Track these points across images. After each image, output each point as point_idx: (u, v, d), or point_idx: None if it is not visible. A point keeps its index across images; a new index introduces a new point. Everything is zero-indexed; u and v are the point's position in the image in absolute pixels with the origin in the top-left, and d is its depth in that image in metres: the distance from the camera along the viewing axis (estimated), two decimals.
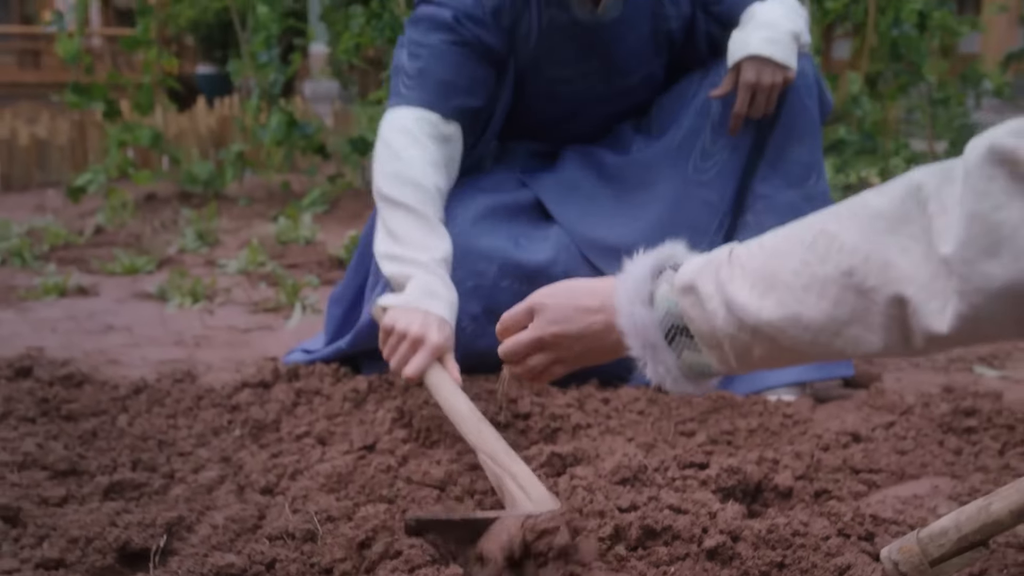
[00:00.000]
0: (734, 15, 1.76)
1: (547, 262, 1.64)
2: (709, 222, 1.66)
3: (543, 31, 1.70)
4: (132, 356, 2.07)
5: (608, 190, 1.73)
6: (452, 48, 1.62)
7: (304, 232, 3.27)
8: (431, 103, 1.60)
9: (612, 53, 1.74)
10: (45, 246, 3.18)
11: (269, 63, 4.09)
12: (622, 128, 1.82)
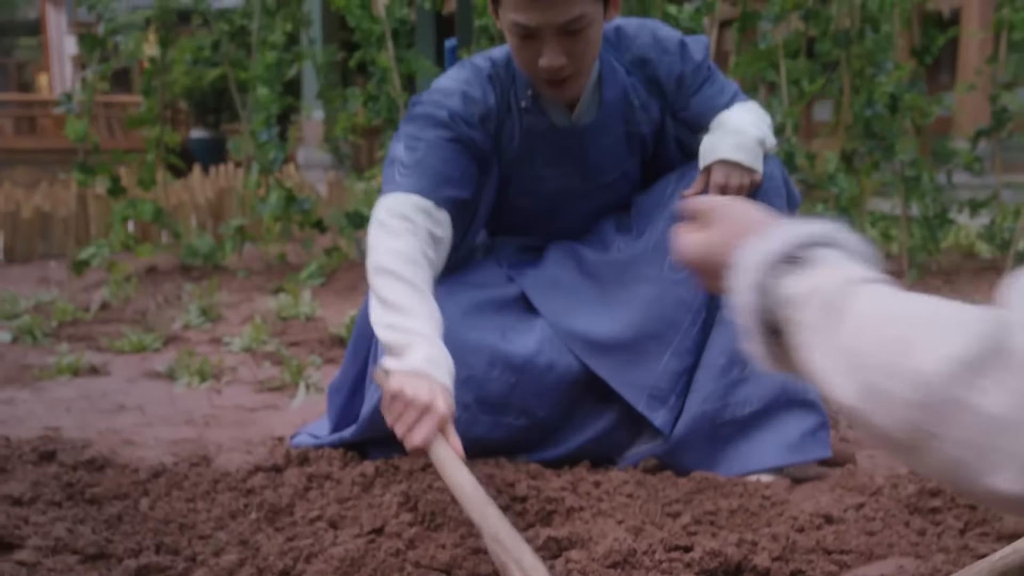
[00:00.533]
0: (701, 121, 1.91)
1: (532, 353, 1.76)
2: (683, 318, 1.79)
3: (524, 135, 1.84)
4: (146, 436, 2.17)
5: (589, 287, 1.86)
6: (447, 144, 1.75)
7: (304, 308, 3.39)
8: (425, 190, 1.71)
9: (588, 154, 1.88)
10: (54, 322, 3.29)
11: (269, 141, 4.24)
12: (605, 226, 1.96)
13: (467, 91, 1.79)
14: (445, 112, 1.76)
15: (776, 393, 1.79)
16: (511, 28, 1.68)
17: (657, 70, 1.89)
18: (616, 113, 1.87)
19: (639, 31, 1.90)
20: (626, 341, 1.79)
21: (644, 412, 1.78)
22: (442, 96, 1.77)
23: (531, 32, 1.66)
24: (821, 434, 1.82)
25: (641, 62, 1.89)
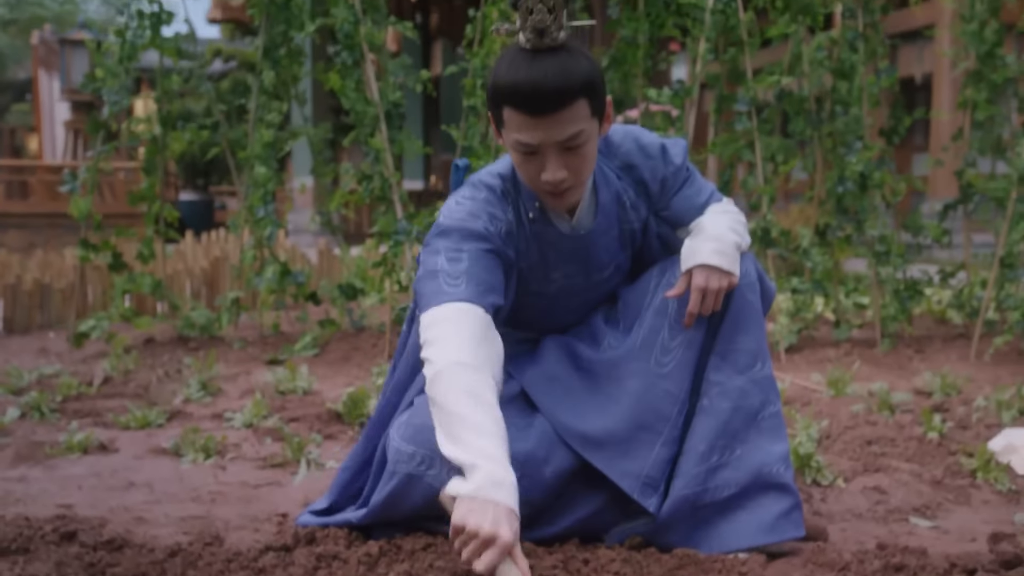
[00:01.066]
0: (681, 219, 2.07)
1: (532, 449, 1.89)
2: (670, 409, 1.93)
3: (536, 244, 1.99)
4: (156, 513, 2.28)
5: (583, 383, 2.00)
6: (487, 254, 1.86)
7: (301, 383, 3.51)
8: (476, 298, 1.80)
9: (591, 255, 2.04)
10: (59, 396, 3.40)
11: (265, 217, 4.39)
12: (595, 319, 2.10)
13: (492, 211, 1.91)
14: (480, 225, 1.87)
15: (752, 478, 1.92)
16: (514, 146, 1.83)
17: (643, 174, 2.05)
18: (611, 214, 2.03)
19: (624, 139, 2.07)
20: (619, 434, 1.93)
21: (639, 499, 1.90)
22: (472, 215, 1.88)
23: (533, 149, 1.81)
24: (795, 515, 1.95)
25: (628, 167, 2.05)
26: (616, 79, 4.75)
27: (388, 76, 4.27)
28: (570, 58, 1.78)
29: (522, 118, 1.78)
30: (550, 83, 1.75)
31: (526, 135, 1.80)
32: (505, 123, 1.83)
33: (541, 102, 1.75)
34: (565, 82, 1.75)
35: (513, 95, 1.77)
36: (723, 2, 4.32)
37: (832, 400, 3.41)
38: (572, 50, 1.80)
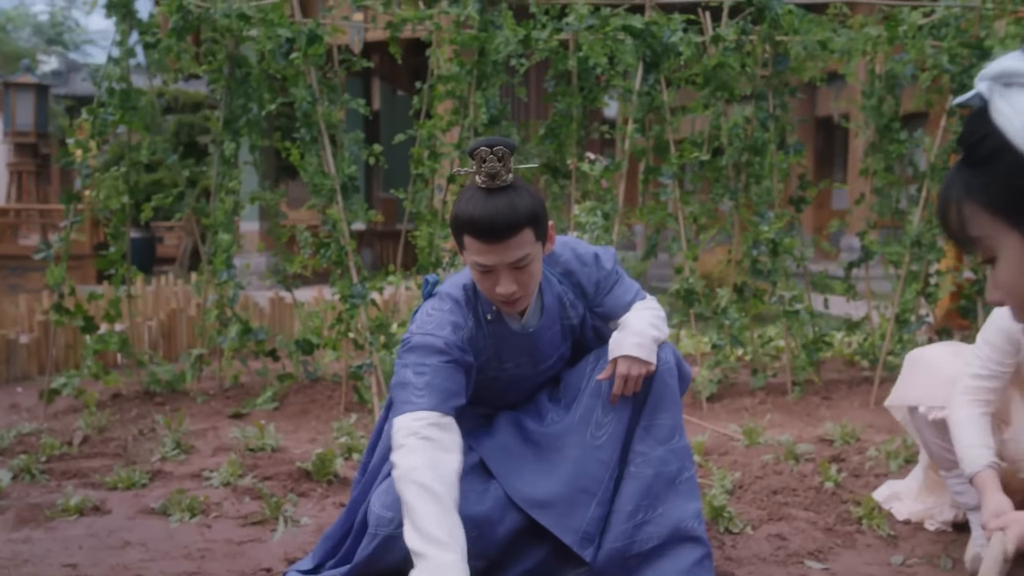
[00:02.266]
0: (612, 314, 2.46)
1: (488, 512, 2.25)
2: (603, 474, 2.31)
3: (493, 340, 2.36)
4: (154, 571, 2.58)
5: (531, 452, 2.37)
6: (447, 366, 2.21)
7: (269, 440, 3.81)
8: (438, 406, 2.14)
9: (537, 348, 2.41)
10: (43, 456, 3.65)
11: (228, 280, 4.69)
12: (540, 397, 2.48)
13: (454, 321, 2.27)
14: (441, 341, 2.22)
15: (671, 532, 2.30)
16: (473, 265, 2.20)
17: (580, 278, 2.44)
18: (554, 313, 2.41)
19: (563, 249, 2.45)
20: (562, 496, 2.30)
21: (578, 551, 2.27)
22: (436, 328, 2.24)
23: (489, 269, 2.18)
24: (706, 563, 2.33)
25: (568, 272, 2.44)
26: (552, 148, 5.15)
27: (343, 151, 4.62)
28: (517, 195, 2.16)
29: (479, 244, 2.16)
30: (501, 217, 2.12)
31: (482, 258, 2.17)
32: (466, 247, 2.19)
33: (494, 233, 2.13)
34: (513, 216, 2.13)
35: (471, 226, 2.14)
36: (648, 84, 4.76)
37: (746, 449, 3.83)
38: (518, 188, 2.18)
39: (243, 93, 4.95)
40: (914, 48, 4.94)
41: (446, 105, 5.05)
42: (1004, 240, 1.06)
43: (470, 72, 4.74)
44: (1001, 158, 1.02)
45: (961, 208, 1.09)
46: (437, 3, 4.82)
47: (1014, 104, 1.02)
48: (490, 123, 4.80)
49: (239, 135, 4.97)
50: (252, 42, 4.77)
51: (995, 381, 2.53)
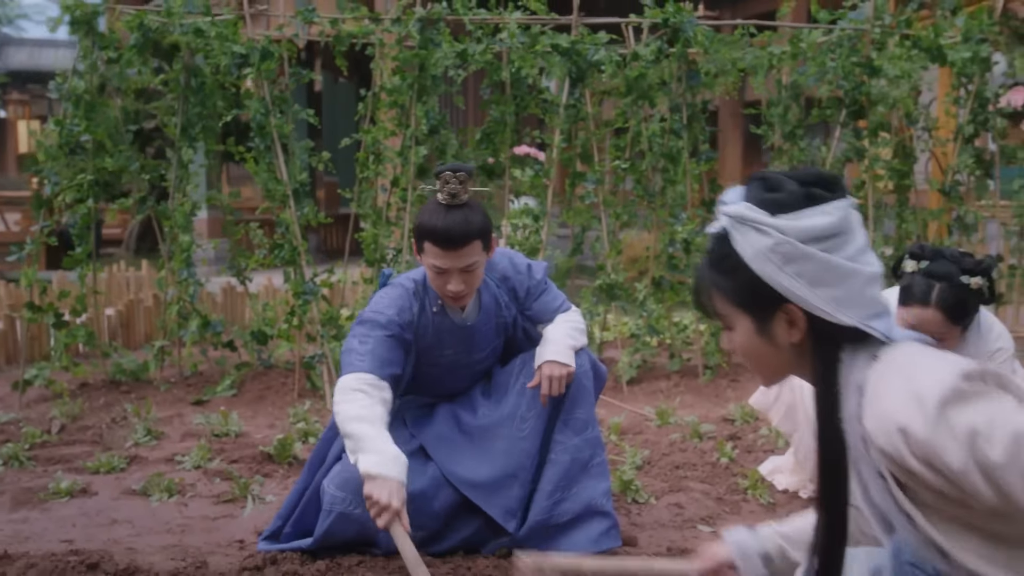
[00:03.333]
0: (539, 318, 2.91)
1: (425, 487, 2.69)
2: (526, 462, 2.76)
3: (433, 330, 2.80)
4: (141, 544, 2.97)
5: (465, 441, 2.81)
6: (387, 339, 2.67)
7: (232, 427, 4.20)
8: (375, 370, 2.60)
9: (474, 340, 2.85)
10: (25, 444, 4.00)
11: (188, 278, 5.06)
12: (475, 392, 2.91)
13: (401, 304, 2.73)
14: (384, 318, 2.69)
15: (584, 508, 2.77)
16: (430, 267, 2.64)
17: (514, 284, 2.88)
18: (490, 311, 2.85)
19: (502, 258, 2.89)
20: (492, 479, 2.75)
21: (503, 525, 2.73)
22: (384, 308, 2.70)
23: (443, 271, 2.63)
24: (613, 532, 2.81)
25: (504, 278, 2.88)
26: (487, 152, 5.57)
27: (295, 159, 4.99)
28: (472, 212, 2.61)
29: (437, 250, 2.60)
30: (458, 230, 2.57)
31: (439, 261, 2.61)
32: (425, 251, 2.63)
33: (451, 242, 2.57)
34: (468, 229, 2.58)
35: (432, 235, 2.59)
36: (574, 98, 5.20)
37: (658, 429, 4.32)
38: (473, 206, 2.63)
39: (199, 102, 5.27)
40: (815, 63, 5.45)
41: (390, 114, 5.43)
42: (738, 319, 1.54)
43: (411, 86, 5.13)
44: (739, 272, 1.49)
45: (711, 294, 1.56)
46: (380, 23, 5.18)
47: (746, 238, 1.47)
48: (430, 132, 5.21)
49: (195, 141, 5.30)
50: (206, 56, 5.10)
51: None
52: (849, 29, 5.29)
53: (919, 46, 5.23)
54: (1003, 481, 1.29)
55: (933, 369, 1.41)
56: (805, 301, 1.47)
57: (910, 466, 1.37)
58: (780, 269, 1.46)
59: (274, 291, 7.36)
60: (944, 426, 1.33)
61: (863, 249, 1.50)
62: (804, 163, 5.68)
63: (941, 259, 2.74)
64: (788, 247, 1.45)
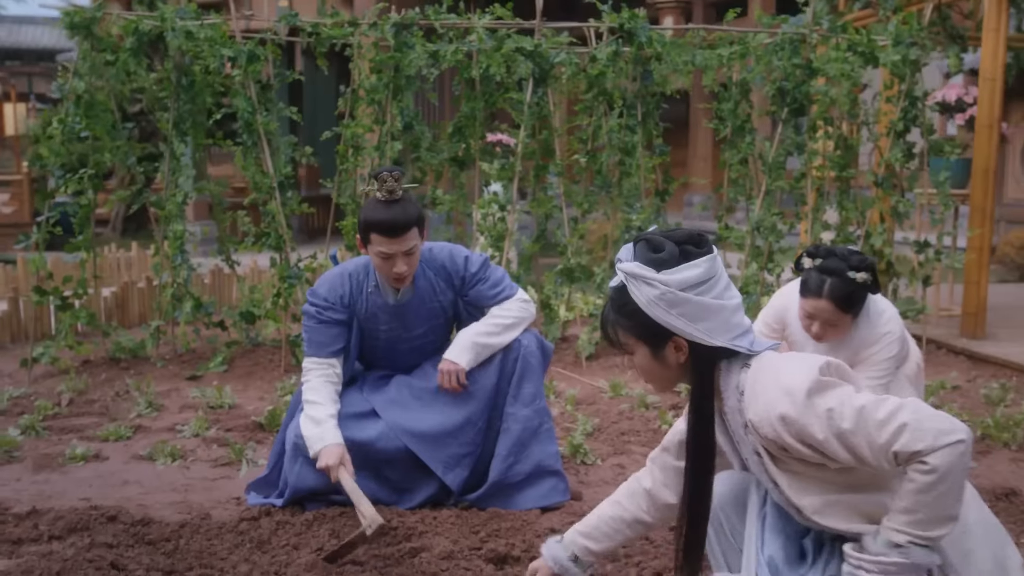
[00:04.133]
0: (477, 303, 3.33)
1: (371, 437, 3.16)
2: (470, 428, 3.22)
3: (369, 308, 3.24)
4: (152, 501, 3.40)
5: (415, 403, 3.25)
6: (318, 326, 3.20)
7: (226, 399, 4.63)
8: (316, 354, 3.19)
9: (406, 317, 3.29)
10: (39, 416, 4.41)
11: (182, 264, 5.46)
12: (426, 365, 3.34)
13: (332, 285, 3.23)
14: (315, 307, 3.21)
15: (534, 468, 3.22)
16: (376, 254, 3.08)
17: (450, 273, 3.32)
18: (424, 295, 3.28)
19: (442, 251, 3.32)
20: (432, 433, 3.19)
21: (440, 474, 3.19)
22: (318, 287, 3.26)
23: (388, 256, 3.07)
24: (560, 486, 3.27)
25: (442, 267, 3.31)
26: (458, 144, 5.98)
27: (280, 154, 5.39)
28: (408, 204, 3.07)
29: (382, 239, 3.05)
30: (399, 220, 3.03)
31: (385, 248, 3.06)
32: (372, 241, 3.07)
33: (394, 230, 3.03)
34: (406, 218, 3.04)
35: (378, 227, 3.04)
36: (537, 96, 5.62)
37: (610, 400, 4.78)
38: (408, 199, 3.08)
39: (189, 99, 5.65)
40: (761, 63, 5.89)
41: (368, 110, 5.82)
42: (638, 348, 1.99)
43: (387, 85, 5.53)
44: (636, 315, 1.93)
45: (616, 330, 2.00)
46: (358, 27, 5.57)
47: (639, 289, 1.91)
48: (405, 128, 5.62)
49: (186, 135, 5.68)
50: (196, 57, 5.48)
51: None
52: (790, 32, 5.71)
53: (854, 49, 5.66)
54: (852, 442, 1.74)
55: (794, 369, 1.86)
56: (687, 333, 1.92)
57: (786, 443, 1.83)
58: (667, 312, 1.90)
59: (260, 273, 7.75)
60: (810, 409, 1.78)
61: (727, 287, 1.95)
62: (752, 155, 6.11)
63: (832, 257, 3.20)
64: (671, 295, 1.89)
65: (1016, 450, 3.96)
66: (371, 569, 2.73)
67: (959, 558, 1.79)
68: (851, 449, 1.74)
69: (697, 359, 1.95)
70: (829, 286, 3.17)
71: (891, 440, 1.68)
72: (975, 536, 1.85)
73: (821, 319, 3.23)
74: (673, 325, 1.91)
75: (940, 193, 5.74)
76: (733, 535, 2.09)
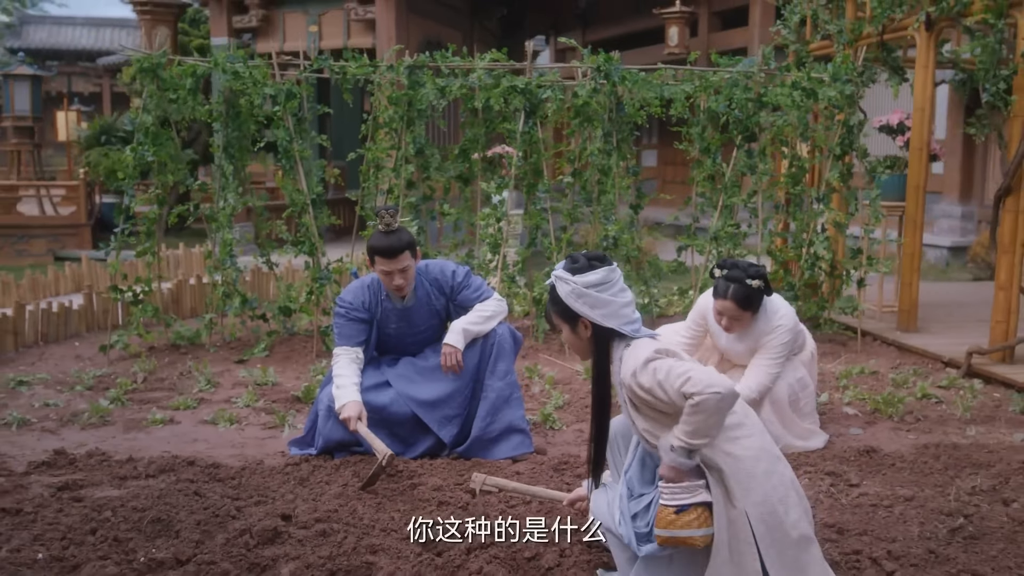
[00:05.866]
0: (464, 305, 4.31)
1: (385, 402, 4.15)
2: (457, 396, 4.20)
3: (383, 311, 4.24)
4: (217, 453, 4.40)
5: (419, 377, 4.25)
6: (348, 322, 4.19)
7: (270, 378, 5.64)
8: (345, 343, 4.17)
9: (411, 318, 4.29)
10: (121, 391, 5.43)
11: (231, 267, 6.48)
12: (428, 350, 4.34)
13: (356, 293, 4.22)
14: (343, 308, 4.19)
15: (506, 427, 4.20)
16: (379, 272, 4.09)
17: (441, 283, 4.31)
18: (423, 300, 4.28)
19: (434, 267, 4.33)
20: (431, 400, 4.18)
21: (436, 431, 4.18)
22: (345, 295, 4.24)
23: (388, 272, 4.06)
24: (527, 442, 4.25)
25: (435, 280, 4.31)
26: (463, 164, 6.95)
27: (312, 175, 6.39)
28: (402, 234, 4.08)
29: (382, 260, 4.06)
30: (393, 246, 4.04)
31: (384, 267, 4.06)
32: (376, 262, 4.08)
33: (390, 254, 4.03)
34: (399, 245, 4.05)
35: (378, 252, 4.06)
36: (528, 126, 6.58)
37: (583, 382, 5.74)
38: (400, 231, 4.09)
39: (236, 127, 6.65)
40: (724, 95, 6.82)
41: (386, 135, 6.80)
42: (563, 326, 2.91)
43: (401, 117, 6.51)
44: (559, 304, 2.86)
45: (550, 314, 2.94)
46: (377, 68, 6.56)
47: (560, 286, 2.85)
48: (417, 153, 6.60)
49: (233, 157, 6.68)
50: (242, 94, 6.47)
51: (693, 339, 4.47)
52: (743, 71, 6.64)
53: (797, 86, 6.58)
54: (665, 387, 2.69)
55: (644, 348, 2.81)
56: (589, 316, 2.87)
57: (637, 393, 2.79)
58: (576, 301, 2.86)
59: (293, 272, 8.76)
60: (646, 369, 2.74)
61: (621, 289, 2.89)
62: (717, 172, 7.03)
63: (735, 268, 4.17)
64: (578, 290, 2.85)
65: (897, 421, 4.90)
66: (383, 497, 3.71)
67: (738, 476, 2.73)
68: (665, 391, 2.68)
69: (597, 336, 2.91)
70: (732, 290, 4.14)
71: (681, 385, 2.61)
72: (756, 476, 2.78)
73: (728, 315, 4.20)
74: (580, 311, 2.85)
75: (872, 208, 6.64)
76: (621, 454, 3.06)
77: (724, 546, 2.63)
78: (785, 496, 2.69)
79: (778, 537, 2.64)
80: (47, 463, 4.15)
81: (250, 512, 3.51)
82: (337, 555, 3.12)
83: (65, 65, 33.98)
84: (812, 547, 2.71)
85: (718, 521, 2.64)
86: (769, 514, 2.64)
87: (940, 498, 3.66)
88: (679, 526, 2.63)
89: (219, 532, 3.31)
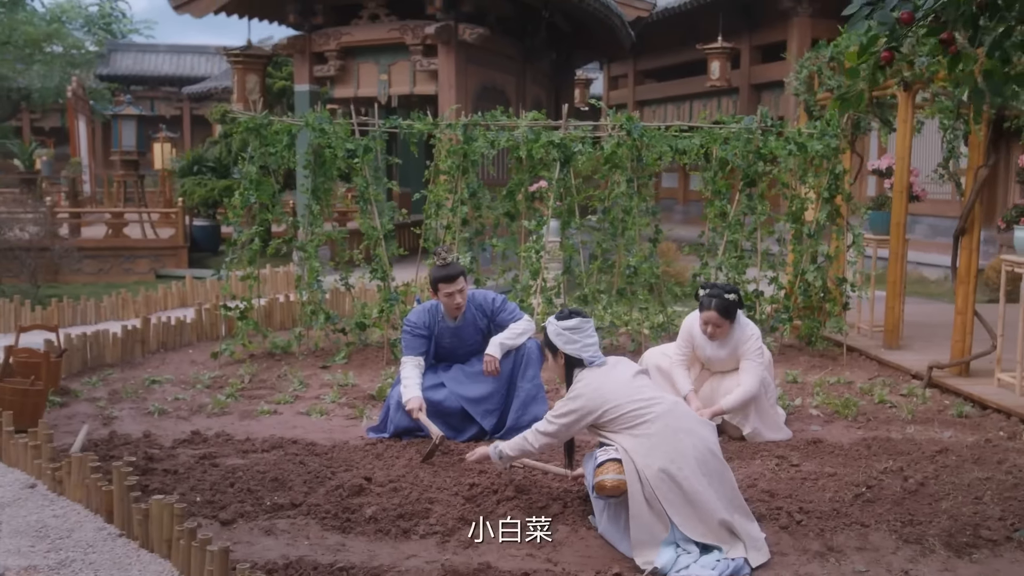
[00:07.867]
0: (502, 324, 5.51)
1: (441, 399, 5.35)
2: (496, 395, 5.39)
3: (440, 329, 5.45)
4: (312, 436, 5.63)
5: (468, 379, 5.43)
6: (413, 337, 5.40)
7: (350, 381, 6.89)
8: (410, 352, 5.38)
9: (461, 334, 5.49)
10: (233, 389, 6.71)
11: (317, 289, 7.76)
12: (474, 359, 5.54)
13: (419, 315, 5.44)
14: (409, 327, 5.41)
15: (533, 418, 5.30)
16: (442, 295, 5.31)
17: (484, 308, 5.51)
18: (470, 321, 5.49)
19: (478, 295, 5.53)
20: (477, 398, 5.37)
21: (479, 421, 5.37)
22: (412, 316, 5.45)
23: (450, 294, 5.28)
24: None
25: (480, 305, 5.51)
26: (509, 203, 8.15)
27: (385, 215, 7.65)
28: (455, 265, 5.33)
29: (444, 285, 5.29)
30: (451, 273, 5.28)
31: (447, 289, 5.29)
32: (439, 289, 5.30)
33: (450, 280, 5.26)
34: (456, 273, 5.29)
35: (441, 279, 5.30)
36: (563, 173, 7.77)
37: None
38: (455, 264, 5.32)
39: (322, 173, 7.95)
40: (733, 146, 7.93)
41: (445, 180, 8.03)
42: (549, 355, 4.19)
43: (458, 167, 7.74)
44: (548, 339, 4.12)
45: (543, 347, 4.19)
46: (438, 126, 7.81)
47: (548, 328, 4.09)
48: (471, 195, 7.83)
49: (319, 199, 7.97)
50: (328, 146, 7.77)
51: (684, 356, 5.62)
52: (744, 127, 7.76)
53: (790, 140, 7.68)
54: (563, 410, 3.88)
55: (582, 380, 4.01)
56: (564, 349, 4.07)
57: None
58: (555, 337, 4.07)
59: (366, 291, 10.06)
60: (568, 395, 3.95)
61: (589, 334, 4.09)
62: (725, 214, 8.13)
63: (715, 287, 5.32)
64: (557, 331, 4.06)
65: (851, 421, 5.96)
66: (438, 467, 4.89)
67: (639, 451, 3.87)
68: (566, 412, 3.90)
69: (568, 363, 4.11)
70: (714, 303, 5.29)
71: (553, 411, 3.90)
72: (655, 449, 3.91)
73: (712, 323, 5.35)
74: (558, 344, 4.07)
75: (855, 245, 7.69)
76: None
77: (638, 494, 3.78)
78: (680, 459, 3.78)
79: (672, 487, 3.74)
80: (187, 440, 5.43)
81: (341, 475, 4.73)
82: (404, 503, 4.32)
83: (148, 90, 35.83)
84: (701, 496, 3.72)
85: (629, 476, 3.79)
86: (664, 471, 3.73)
87: (856, 475, 4.75)
88: (600, 474, 3.83)
89: (320, 487, 4.54)
